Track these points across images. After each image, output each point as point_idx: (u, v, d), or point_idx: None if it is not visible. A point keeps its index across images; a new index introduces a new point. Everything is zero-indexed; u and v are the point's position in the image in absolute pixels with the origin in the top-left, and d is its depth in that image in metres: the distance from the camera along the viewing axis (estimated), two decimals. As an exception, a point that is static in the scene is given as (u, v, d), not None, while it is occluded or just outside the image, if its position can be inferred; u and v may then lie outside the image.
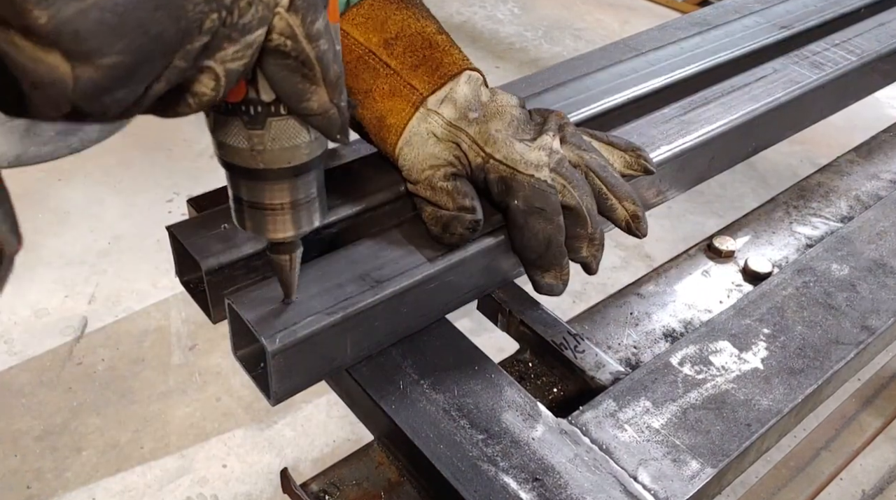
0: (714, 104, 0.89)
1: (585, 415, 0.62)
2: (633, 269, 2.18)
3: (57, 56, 0.35)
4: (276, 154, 0.49)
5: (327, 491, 0.63)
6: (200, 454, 1.71)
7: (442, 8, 3.58)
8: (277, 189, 0.52)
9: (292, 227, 0.54)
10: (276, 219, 0.53)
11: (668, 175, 0.83)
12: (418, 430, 0.60)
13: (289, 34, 0.43)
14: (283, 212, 0.53)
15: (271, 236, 0.54)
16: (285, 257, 0.57)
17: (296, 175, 0.51)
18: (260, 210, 0.53)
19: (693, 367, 0.66)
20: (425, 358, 0.66)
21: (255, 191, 0.52)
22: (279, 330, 0.58)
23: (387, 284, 0.63)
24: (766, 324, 0.70)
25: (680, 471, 0.58)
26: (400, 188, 0.72)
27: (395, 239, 0.68)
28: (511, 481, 0.57)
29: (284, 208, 0.53)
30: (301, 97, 0.46)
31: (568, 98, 0.88)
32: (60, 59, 0.35)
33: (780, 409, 0.63)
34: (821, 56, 0.99)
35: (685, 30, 1.04)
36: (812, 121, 1.00)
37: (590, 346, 0.69)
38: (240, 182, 0.52)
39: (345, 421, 1.77)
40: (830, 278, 0.76)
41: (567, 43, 3.38)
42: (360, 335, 0.63)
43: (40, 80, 0.35)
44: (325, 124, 0.48)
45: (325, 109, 0.47)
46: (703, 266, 0.82)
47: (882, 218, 0.84)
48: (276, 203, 0.52)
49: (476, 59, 3.10)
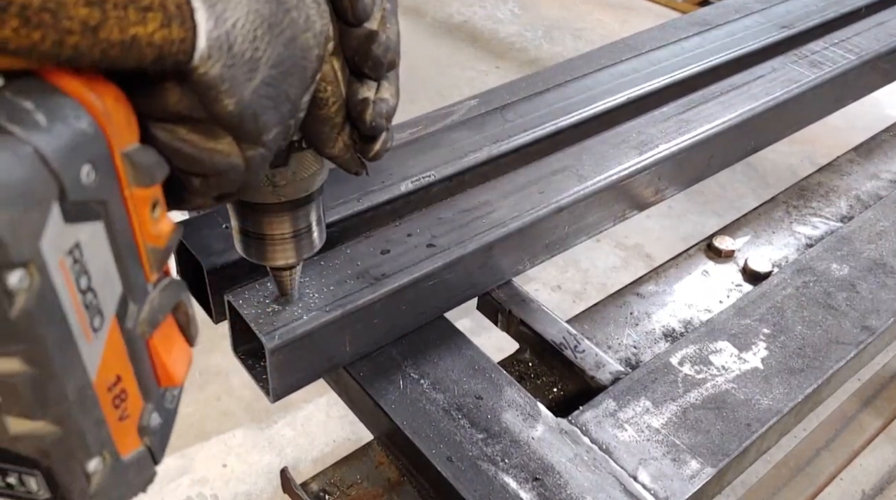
0: (713, 103, 0.89)
1: (585, 415, 0.62)
2: (633, 269, 2.18)
3: (226, 142, 0.36)
4: (295, 186, 0.51)
5: (327, 491, 0.63)
6: (200, 454, 1.71)
7: (442, 8, 3.58)
8: (284, 220, 0.53)
9: (294, 254, 0.55)
10: (282, 248, 0.54)
11: (667, 173, 0.83)
12: (418, 430, 0.60)
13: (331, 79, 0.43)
14: (287, 241, 0.54)
15: (276, 264, 0.56)
16: (286, 272, 0.58)
17: (302, 205, 0.52)
18: (266, 241, 0.54)
19: (693, 367, 0.66)
20: (425, 358, 0.66)
21: (261, 223, 0.53)
22: (278, 327, 0.58)
23: (385, 281, 0.63)
24: (766, 324, 0.70)
25: (680, 471, 0.58)
26: (400, 188, 0.72)
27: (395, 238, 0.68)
28: (511, 480, 0.57)
29: (287, 238, 0.54)
30: (327, 142, 0.47)
31: (568, 98, 0.88)
32: (229, 144, 0.37)
33: (780, 409, 0.63)
34: (820, 55, 0.99)
35: (685, 30, 1.04)
36: (811, 120, 1.00)
37: (590, 346, 0.69)
38: (247, 215, 0.53)
39: (345, 421, 1.76)
40: (830, 277, 0.76)
41: (567, 43, 3.38)
42: (359, 333, 0.63)
43: (214, 168, 0.37)
44: (345, 163, 0.49)
45: (345, 152, 0.47)
46: (703, 266, 0.82)
47: (882, 218, 0.84)
48: (285, 233, 0.53)
49: (476, 59, 3.08)
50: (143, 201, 0.33)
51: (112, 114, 0.31)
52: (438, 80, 2.99)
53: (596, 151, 0.81)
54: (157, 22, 0.31)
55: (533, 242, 0.74)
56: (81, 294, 0.30)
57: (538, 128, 0.82)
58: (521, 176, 0.77)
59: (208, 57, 0.33)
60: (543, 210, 0.72)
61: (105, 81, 0.32)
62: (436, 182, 0.74)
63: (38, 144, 0.27)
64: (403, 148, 0.78)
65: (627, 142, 0.82)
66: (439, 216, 0.71)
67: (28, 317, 0.27)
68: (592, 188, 0.76)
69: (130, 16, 0.30)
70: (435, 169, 0.75)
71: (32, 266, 0.27)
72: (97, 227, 0.30)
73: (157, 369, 0.36)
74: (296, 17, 0.38)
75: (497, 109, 0.85)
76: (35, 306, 0.27)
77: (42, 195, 0.27)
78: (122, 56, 0.31)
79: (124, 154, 0.32)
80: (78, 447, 0.31)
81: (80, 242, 0.29)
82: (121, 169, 0.32)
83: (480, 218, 0.71)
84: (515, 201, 0.73)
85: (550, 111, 0.85)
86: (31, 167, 0.27)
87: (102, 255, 0.31)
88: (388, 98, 0.47)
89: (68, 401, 0.30)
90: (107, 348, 0.32)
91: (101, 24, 0.30)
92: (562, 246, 0.77)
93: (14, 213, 0.26)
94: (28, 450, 0.30)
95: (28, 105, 0.28)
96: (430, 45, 3.27)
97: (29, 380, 0.28)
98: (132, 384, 0.34)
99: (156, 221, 0.34)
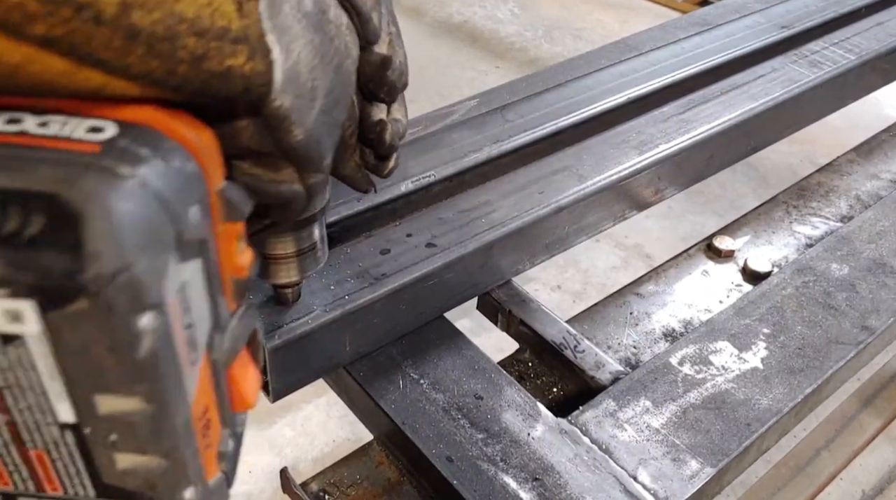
0: (713, 103, 0.89)
1: (585, 415, 0.62)
2: (632, 269, 2.18)
3: (288, 172, 0.38)
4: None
5: (327, 491, 0.63)
6: (200, 454, 1.71)
7: (442, 8, 3.58)
8: (287, 241, 0.53)
9: (297, 273, 0.56)
10: (286, 267, 0.55)
11: (667, 173, 0.83)
12: (418, 430, 0.60)
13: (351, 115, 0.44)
14: (290, 260, 0.54)
15: (279, 282, 0.56)
16: (289, 289, 0.59)
17: (305, 226, 0.53)
18: (269, 260, 0.54)
19: (693, 367, 0.66)
20: (425, 358, 0.66)
21: (264, 244, 0.53)
22: (278, 327, 0.58)
23: (385, 281, 0.63)
24: (766, 324, 0.70)
25: (680, 471, 0.58)
26: (400, 188, 0.72)
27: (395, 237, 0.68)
28: (511, 480, 0.57)
29: (290, 257, 0.54)
30: (341, 164, 0.48)
31: (568, 98, 0.88)
32: (291, 174, 0.38)
33: (780, 408, 0.63)
34: (819, 55, 0.99)
35: (685, 30, 1.04)
36: (811, 120, 1.00)
37: (590, 346, 0.69)
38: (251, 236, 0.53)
39: (345, 421, 1.76)
40: (830, 277, 0.76)
41: (567, 43, 3.38)
42: (358, 333, 0.63)
43: (280, 199, 0.38)
44: (356, 182, 0.49)
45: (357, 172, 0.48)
46: (703, 266, 0.82)
47: (882, 218, 0.84)
48: (288, 253, 0.54)
49: (476, 59, 3.09)
50: (231, 236, 0.35)
51: (208, 154, 0.33)
52: (438, 80, 2.99)
53: (596, 151, 0.81)
54: (245, 54, 0.33)
55: (533, 242, 0.74)
56: (186, 330, 0.31)
57: (538, 128, 0.82)
58: (521, 176, 0.77)
59: (283, 90, 0.35)
60: (543, 210, 0.72)
61: (199, 123, 0.33)
62: (436, 182, 0.74)
63: (159, 188, 0.28)
64: (403, 148, 0.77)
65: (627, 142, 0.82)
66: (439, 216, 0.71)
67: (153, 357, 0.28)
68: (592, 188, 0.76)
69: (226, 48, 0.32)
70: (435, 169, 0.75)
71: (158, 309, 0.28)
72: (197, 264, 0.32)
73: (234, 395, 0.37)
74: (338, 45, 0.39)
75: (497, 109, 0.85)
76: (159, 348, 0.28)
77: (167, 237, 0.28)
78: (218, 86, 0.32)
79: (218, 192, 0.33)
80: (181, 478, 0.32)
81: (185, 281, 0.30)
82: (215, 207, 0.33)
83: (480, 218, 0.71)
84: (515, 201, 0.73)
85: (550, 111, 0.85)
86: (156, 210, 0.28)
87: (199, 291, 0.32)
88: (400, 119, 0.48)
89: (177, 434, 0.31)
90: (200, 380, 0.33)
91: (205, 55, 0.31)
92: (562, 246, 0.77)
93: (149, 256, 0.27)
94: (135, 484, 0.31)
95: (145, 152, 0.29)
96: (430, 45, 3.27)
97: (148, 418, 0.29)
98: (215, 413, 0.35)
99: (240, 254, 0.36)
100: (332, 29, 0.38)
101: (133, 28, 0.29)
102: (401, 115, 0.49)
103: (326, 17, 0.38)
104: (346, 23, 0.40)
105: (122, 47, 0.30)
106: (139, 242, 0.27)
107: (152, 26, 0.30)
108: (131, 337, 0.27)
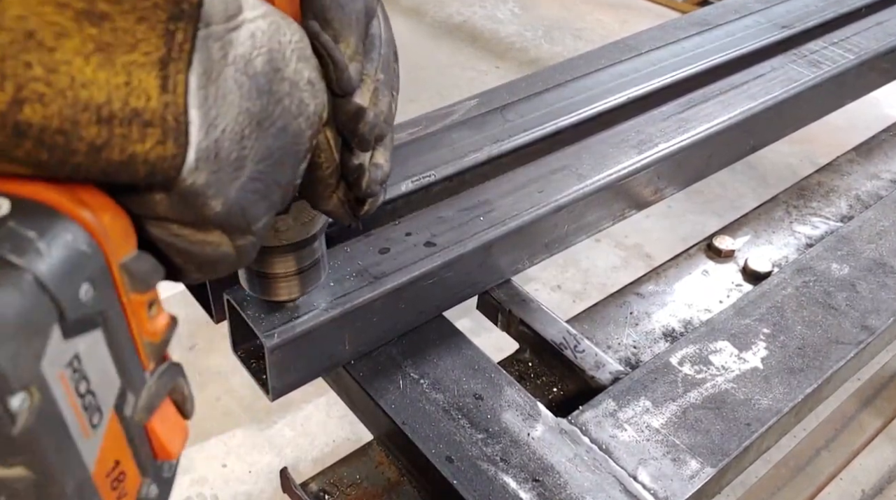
0: (712, 102, 0.89)
1: (585, 415, 0.62)
2: (632, 269, 2.18)
3: (216, 234, 0.37)
4: (296, 230, 0.52)
5: (327, 491, 0.63)
6: (200, 454, 1.71)
7: (442, 8, 3.58)
8: (287, 260, 0.54)
9: (298, 290, 0.56)
10: (288, 285, 0.56)
11: (667, 172, 0.83)
12: (418, 430, 0.60)
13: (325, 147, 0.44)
14: (291, 278, 0.55)
15: (280, 299, 0.57)
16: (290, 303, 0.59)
17: (305, 246, 0.53)
18: (270, 279, 0.55)
19: (693, 366, 0.66)
20: (425, 358, 0.66)
21: (265, 263, 0.54)
22: (277, 326, 0.58)
23: (385, 280, 0.63)
24: (766, 324, 0.70)
25: (680, 471, 0.58)
26: (400, 187, 0.72)
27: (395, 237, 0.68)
28: (511, 480, 0.57)
29: (291, 275, 0.55)
30: (321, 200, 0.47)
31: (568, 98, 0.88)
32: (220, 235, 0.37)
33: (780, 408, 0.63)
34: (819, 54, 0.99)
35: (685, 30, 1.04)
36: (810, 119, 1.00)
37: (590, 346, 0.69)
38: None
39: (344, 421, 1.76)
40: (830, 277, 0.76)
41: (567, 43, 3.38)
42: (358, 331, 0.63)
43: (207, 259, 0.37)
44: (339, 216, 0.49)
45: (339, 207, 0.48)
46: (703, 266, 0.82)
47: (882, 218, 0.84)
48: (288, 272, 0.54)
49: (476, 59, 3.09)
50: (141, 305, 0.34)
51: (109, 229, 0.32)
52: (438, 80, 2.99)
53: (595, 150, 0.81)
54: (154, 139, 0.31)
55: (532, 241, 0.74)
56: (80, 398, 0.31)
57: (538, 128, 0.82)
58: (520, 175, 0.77)
59: (195, 169, 0.33)
60: (543, 209, 0.72)
61: (102, 196, 0.33)
62: (436, 182, 0.74)
63: (38, 272, 0.28)
64: (403, 148, 0.78)
65: (627, 141, 0.82)
66: (438, 215, 0.71)
67: (29, 433, 0.28)
68: (592, 187, 0.76)
69: (133, 133, 0.31)
70: (435, 169, 0.75)
71: (33, 387, 0.28)
72: (96, 335, 0.31)
73: (155, 447, 0.37)
74: (288, 104, 0.37)
75: (497, 109, 0.85)
76: (36, 422, 0.28)
77: (43, 322, 0.28)
78: (117, 173, 0.31)
79: (122, 265, 0.33)
80: None
81: (78, 353, 0.30)
82: (118, 280, 0.33)
83: (479, 217, 0.71)
84: (515, 200, 0.73)
85: (550, 111, 0.85)
86: (32, 296, 0.28)
87: (101, 358, 0.32)
88: (382, 164, 0.47)
89: (66, 496, 0.30)
90: (105, 439, 0.33)
91: (106, 144, 0.30)
92: (561, 245, 0.77)
93: (16, 345, 0.27)
94: None
95: (31, 234, 0.29)
96: (430, 45, 3.27)
97: (31, 485, 0.29)
98: (130, 465, 0.35)
99: (152, 319, 0.35)
100: (283, 88, 0.37)
101: (21, 125, 0.28)
102: (384, 160, 0.47)
103: (280, 75, 0.36)
104: (309, 77, 0.39)
105: (9, 142, 0.29)
106: (6, 330, 0.27)
107: (45, 121, 0.29)
108: (3, 417, 0.27)
